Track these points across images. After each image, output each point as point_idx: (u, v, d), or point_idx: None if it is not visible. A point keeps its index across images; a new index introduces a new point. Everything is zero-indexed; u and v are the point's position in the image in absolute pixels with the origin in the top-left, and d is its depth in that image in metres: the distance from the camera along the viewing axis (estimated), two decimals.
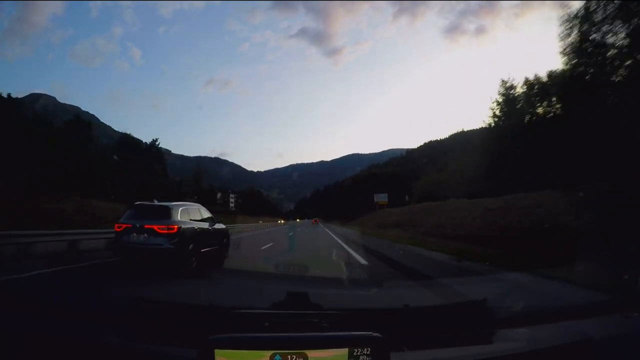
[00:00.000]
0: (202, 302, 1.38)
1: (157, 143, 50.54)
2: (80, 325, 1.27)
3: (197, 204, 7.84)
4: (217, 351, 0.89)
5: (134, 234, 6.02)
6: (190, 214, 6.94)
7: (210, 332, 0.93)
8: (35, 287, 4.49)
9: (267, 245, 12.12)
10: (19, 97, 34.59)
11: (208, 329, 0.96)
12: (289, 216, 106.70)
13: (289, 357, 0.89)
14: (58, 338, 1.18)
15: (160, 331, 1.21)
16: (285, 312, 1.27)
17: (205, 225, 7.20)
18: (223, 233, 8.16)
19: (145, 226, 5.97)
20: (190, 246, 6.26)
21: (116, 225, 6.33)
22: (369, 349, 0.91)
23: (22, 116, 34.52)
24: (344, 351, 0.91)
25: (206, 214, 7.60)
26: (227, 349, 0.89)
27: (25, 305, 1.44)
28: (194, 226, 6.70)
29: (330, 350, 0.91)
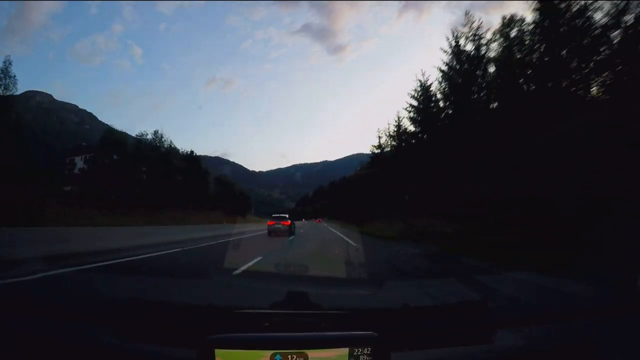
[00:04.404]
0: (202, 302, 1.38)
1: None
2: (78, 326, 1.27)
3: (287, 214, 20.02)
4: (217, 351, 0.89)
5: (276, 225, 16.85)
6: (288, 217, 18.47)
7: (210, 332, 0.93)
8: (38, 289, 4.49)
9: None
10: (14, 94, 31.85)
11: (208, 329, 0.96)
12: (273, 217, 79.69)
13: (289, 357, 0.90)
14: (55, 339, 1.19)
15: (160, 331, 1.21)
16: (286, 312, 1.27)
17: (290, 220, 18.26)
18: (295, 225, 20.54)
19: (281, 222, 16.97)
20: (291, 229, 17.24)
21: (269, 222, 17.49)
22: (370, 348, 0.91)
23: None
24: (345, 351, 0.91)
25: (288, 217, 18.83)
26: (227, 348, 0.90)
27: (25, 306, 1.45)
28: (291, 221, 18.27)
29: (331, 350, 0.91)
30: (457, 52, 18.99)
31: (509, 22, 15.58)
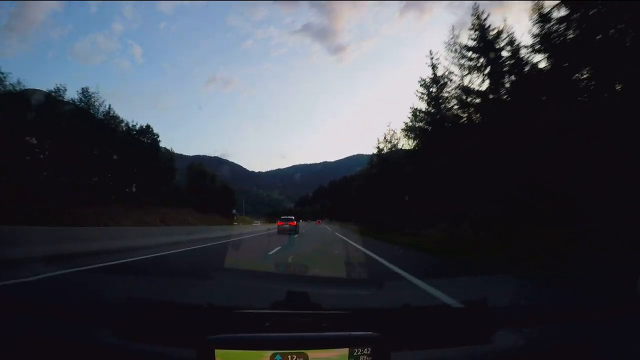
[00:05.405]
0: (202, 302, 1.38)
1: None
2: (78, 326, 1.27)
3: (293, 216, 26.64)
4: (217, 351, 0.89)
5: (284, 225, 23.31)
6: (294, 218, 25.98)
7: (210, 332, 0.93)
8: (40, 289, 4.49)
9: None
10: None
11: (208, 329, 0.96)
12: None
13: (289, 357, 0.89)
14: (56, 339, 1.18)
15: (160, 331, 1.20)
16: (286, 312, 1.27)
17: (296, 222, 25.18)
18: (298, 226, 25.67)
19: (289, 223, 23.57)
20: (297, 228, 24.27)
21: (278, 222, 24.70)
22: (370, 348, 0.91)
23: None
24: (345, 351, 0.91)
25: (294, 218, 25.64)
26: (227, 348, 0.89)
27: (25, 306, 1.44)
28: (297, 222, 26.00)
29: (331, 350, 0.91)
30: None
31: None
